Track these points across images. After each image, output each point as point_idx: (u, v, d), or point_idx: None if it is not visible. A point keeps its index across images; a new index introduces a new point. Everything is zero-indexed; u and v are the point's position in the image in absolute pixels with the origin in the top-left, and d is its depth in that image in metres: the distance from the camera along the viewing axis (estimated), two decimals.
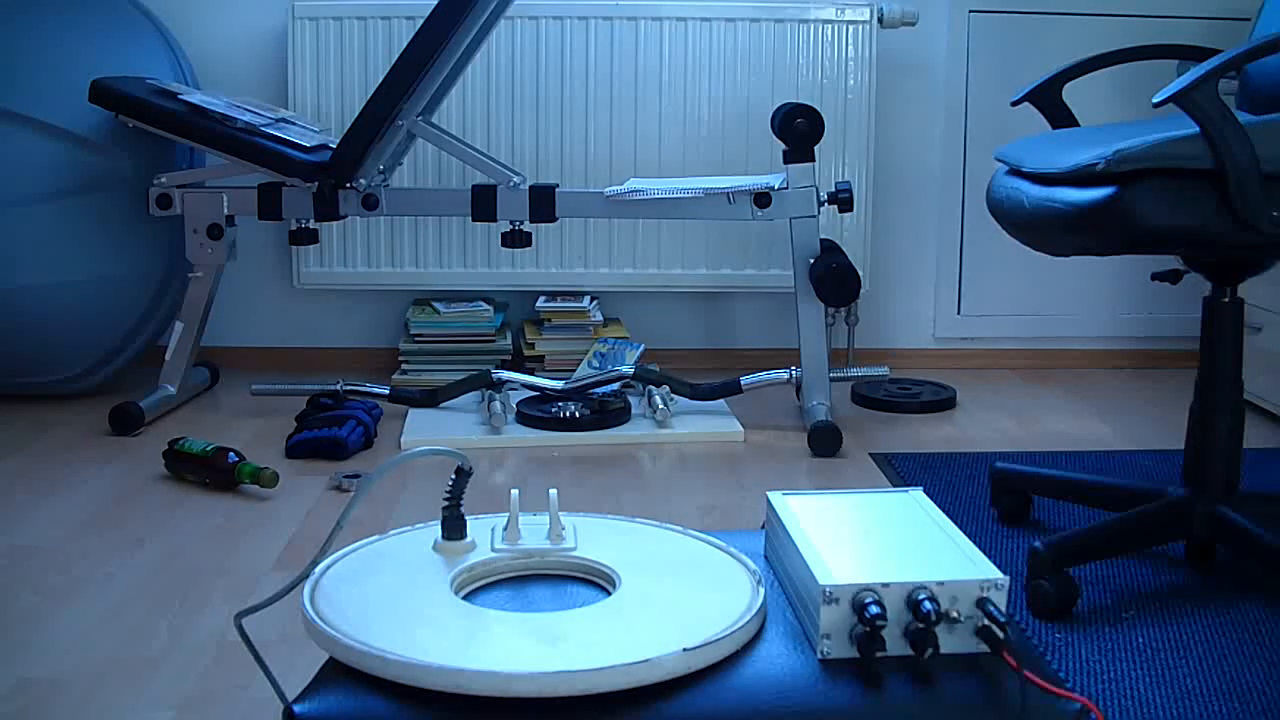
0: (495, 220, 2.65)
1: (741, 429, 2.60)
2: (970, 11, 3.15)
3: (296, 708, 0.97)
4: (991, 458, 2.43)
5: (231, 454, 2.22)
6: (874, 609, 1.04)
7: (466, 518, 1.23)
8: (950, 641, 1.07)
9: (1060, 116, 2.22)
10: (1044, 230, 1.71)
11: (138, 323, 2.81)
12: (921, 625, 1.05)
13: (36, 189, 2.63)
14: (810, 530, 1.19)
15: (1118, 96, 3.15)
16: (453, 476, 1.23)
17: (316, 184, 2.60)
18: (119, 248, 2.72)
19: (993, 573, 1.09)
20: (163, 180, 2.64)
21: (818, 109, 2.60)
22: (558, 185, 2.66)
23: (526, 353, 3.04)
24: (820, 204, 2.60)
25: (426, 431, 2.55)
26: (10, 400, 2.80)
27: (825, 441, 2.47)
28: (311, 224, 2.68)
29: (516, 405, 2.66)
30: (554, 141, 3.05)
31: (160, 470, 2.31)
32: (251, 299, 3.21)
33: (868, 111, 3.07)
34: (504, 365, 2.97)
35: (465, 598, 1.14)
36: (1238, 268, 1.77)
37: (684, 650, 1.00)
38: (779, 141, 2.60)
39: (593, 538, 1.25)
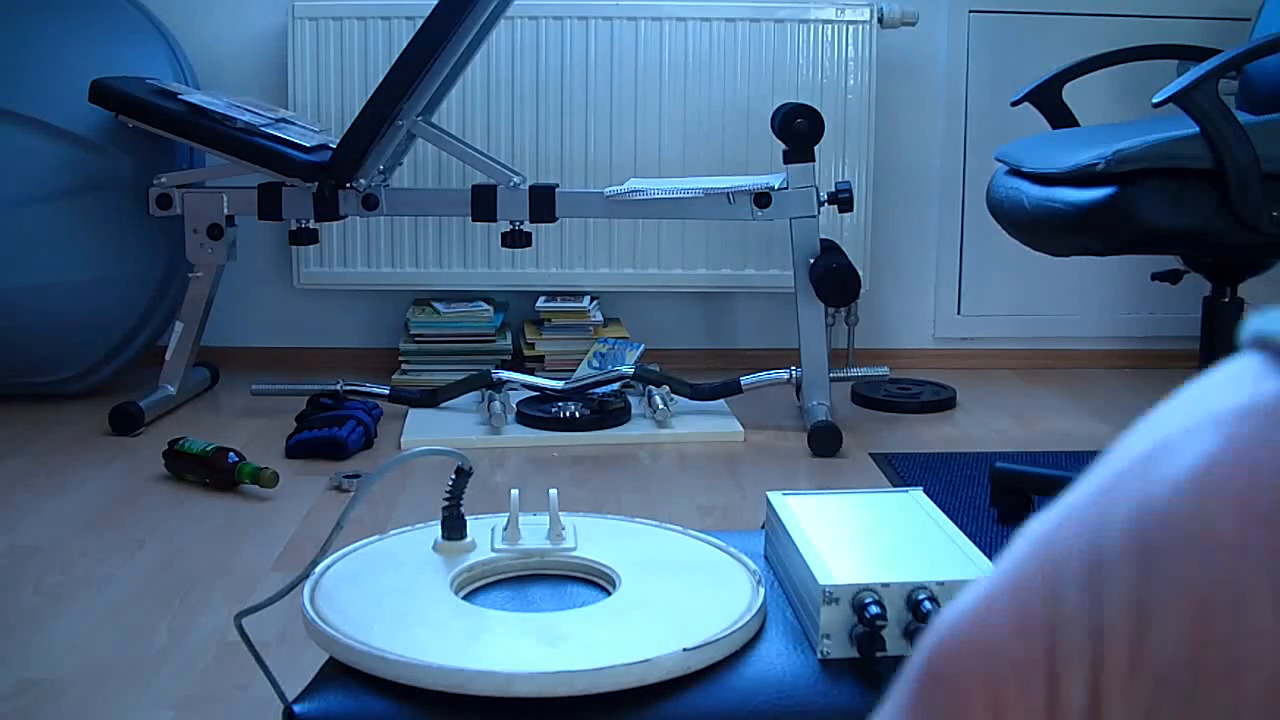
0: (495, 220, 2.65)
1: (741, 429, 2.60)
2: (970, 11, 3.15)
3: (296, 708, 0.97)
4: (991, 458, 2.43)
5: (231, 454, 2.22)
6: (874, 609, 1.04)
7: (466, 518, 1.23)
8: None
9: (1060, 116, 2.22)
10: (1044, 230, 1.71)
11: (138, 323, 2.81)
12: (922, 625, 1.05)
13: (36, 189, 2.63)
14: (810, 530, 1.19)
15: (1118, 96, 3.15)
16: (453, 476, 1.23)
17: (316, 184, 2.60)
18: (119, 248, 2.72)
19: None
20: (163, 180, 2.64)
21: (818, 109, 2.60)
22: (558, 185, 2.66)
23: (526, 353, 3.04)
24: (820, 204, 2.60)
25: (426, 431, 2.55)
26: (10, 400, 2.80)
27: (825, 441, 2.47)
28: (311, 224, 2.68)
29: (516, 405, 2.66)
30: (554, 141, 3.05)
31: (160, 470, 2.31)
32: (251, 299, 3.21)
33: (868, 111, 3.07)
34: (504, 365, 2.97)
35: (465, 598, 1.14)
36: (1238, 268, 1.77)
37: (684, 650, 1.00)
38: (779, 141, 2.60)
39: (593, 538, 1.25)
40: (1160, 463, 0.17)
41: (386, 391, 2.70)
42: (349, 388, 2.70)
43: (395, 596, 1.11)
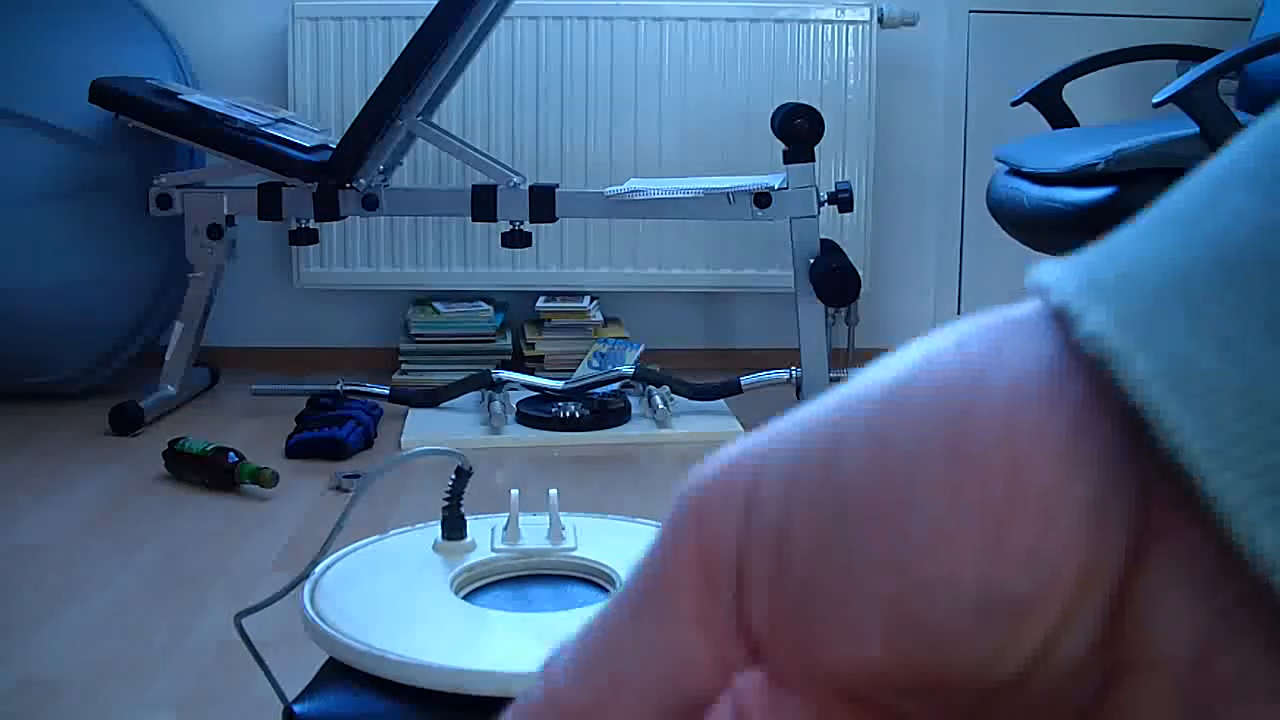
0: (495, 220, 2.65)
1: (741, 429, 2.59)
2: (970, 11, 3.15)
3: (296, 708, 0.97)
4: None
5: (231, 454, 2.21)
6: None
7: (466, 518, 1.23)
8: None
9: (1060, 116, 2.22)
10: (1044, 230, 1.71)
11: (138, 323, 2.81)
12: None
13: (36, 189, 2.63)
14: None
15: (1118, 96, 3.15)
16: (453, 476, 1.23)
17: (316, 184, 2.60)
18: (119, 248, 2.72)
19: None
20: (163, 180, 2.64)
21: (818, 109, 2.60)
22: (558, 185, 2.66)
23: (526, 353, 3.04)
24: (820, 204, 2.60)
25: (426, 431, 2.55)
26: (10, 400, 2.80)
27: None
28: (311, 224, 2.68)
29: (516, 405, 2.66)
30: (554, 141, 3.05)
31: (160, 470, 2.31)
32: (251, 299, 3.21)
33: (868, 111, 3.07)
34: (504, 365, 2.97)
35: (465, 598, 1.14)
36: None
37: None
38: (779, 141, 2.60)
39: (593, 538, 1.25)
40: (902, 355, 0.20)
41: (386, 391, 2.70)
42: (349, 388, 2.70)
43: (395, 596, 1.11)
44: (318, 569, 1.15)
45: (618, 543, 1.25)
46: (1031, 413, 0.19)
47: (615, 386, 2.72)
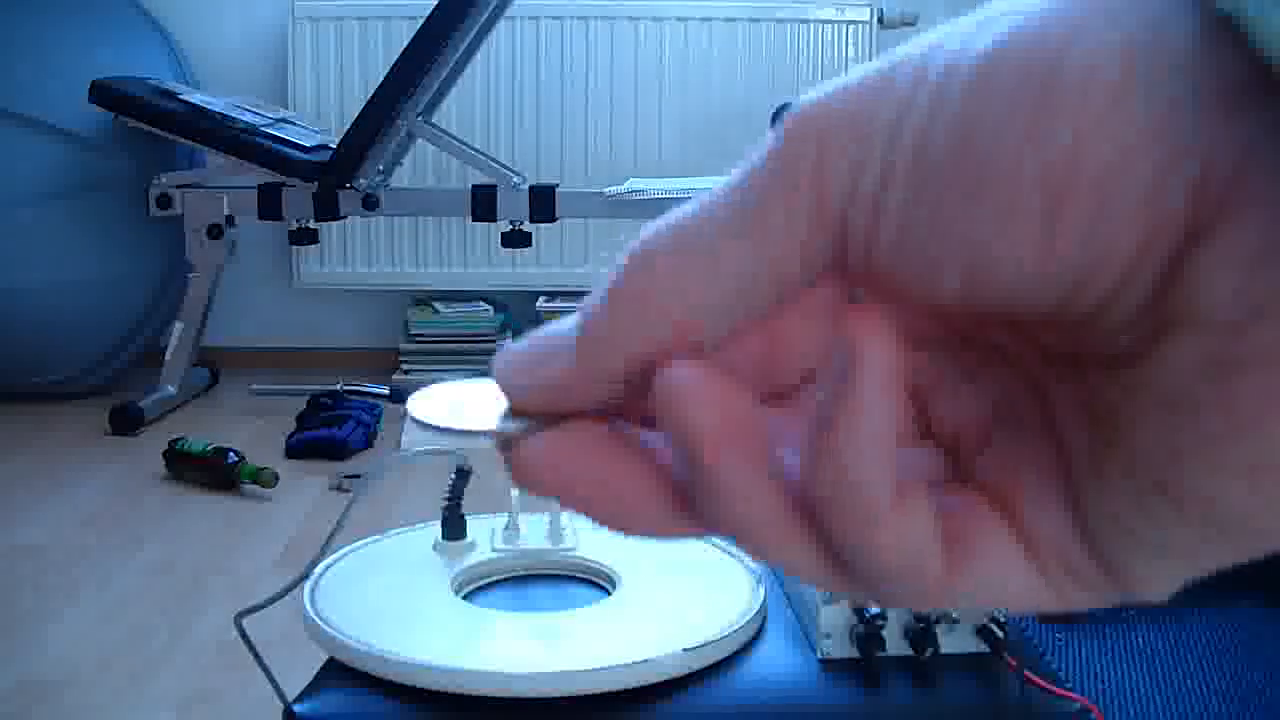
0: (495, 220, 2.65)
1: None
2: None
3: (296, 708, 0.97)
4: None
5: (231, 454, 2.21)
6: (874, 608, 1.04)
7: (466, 518, 1.23)
8: (950, 641, 1.07)
9: None
10: None
11: (138, 323, 2.81)
12: (921, 625, 1.05)
13: (36, 189, 2.63)
14: None
15: None
16: (453, 476, 1.23)
17: (316, 184, 2.60)
18: (119, 248, 2.72)
19: None
20: (163, 180, 2.64)
21: None
22: (558, 185, 2.66)
23: None
24: None
25: (427, 431, 2.54)
26: (10, 400, 2.80)
27: None
28: (311, 224, 2.68)
29: None
30: (554, 141, 3.05)
31: (160, 470, 2.31)
32: (251, 299, 3.20)
33: None
34: None
35: (465, 598, 1.14)
36: None
37: (684, 650, 1.00)
38: None
39: (593, 538, 1.25)
40: (999, 14, 0.20)
41: (386, 391, 2.70)
42: (349, 388, 2.70)
43: (395, 596, 1.11)
44: (318, 569, 1.16)
45: (618, 543, 1.25)
46: (1104, 90, 0.19)
47: None
